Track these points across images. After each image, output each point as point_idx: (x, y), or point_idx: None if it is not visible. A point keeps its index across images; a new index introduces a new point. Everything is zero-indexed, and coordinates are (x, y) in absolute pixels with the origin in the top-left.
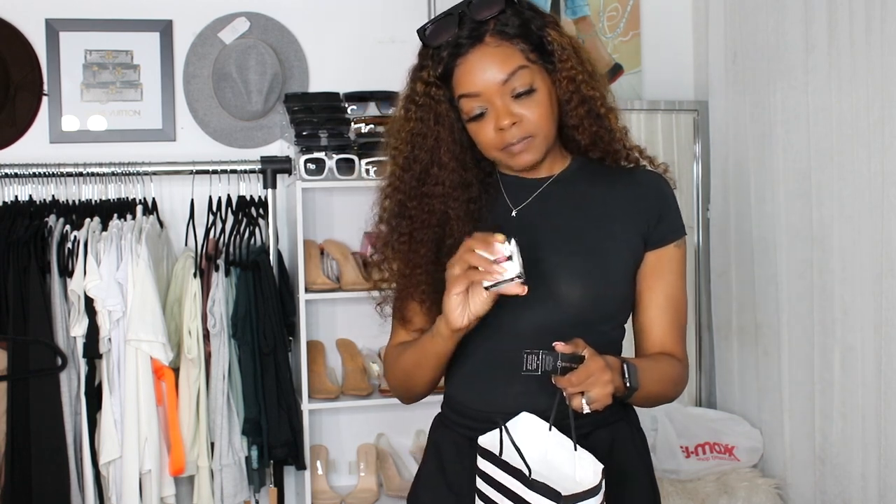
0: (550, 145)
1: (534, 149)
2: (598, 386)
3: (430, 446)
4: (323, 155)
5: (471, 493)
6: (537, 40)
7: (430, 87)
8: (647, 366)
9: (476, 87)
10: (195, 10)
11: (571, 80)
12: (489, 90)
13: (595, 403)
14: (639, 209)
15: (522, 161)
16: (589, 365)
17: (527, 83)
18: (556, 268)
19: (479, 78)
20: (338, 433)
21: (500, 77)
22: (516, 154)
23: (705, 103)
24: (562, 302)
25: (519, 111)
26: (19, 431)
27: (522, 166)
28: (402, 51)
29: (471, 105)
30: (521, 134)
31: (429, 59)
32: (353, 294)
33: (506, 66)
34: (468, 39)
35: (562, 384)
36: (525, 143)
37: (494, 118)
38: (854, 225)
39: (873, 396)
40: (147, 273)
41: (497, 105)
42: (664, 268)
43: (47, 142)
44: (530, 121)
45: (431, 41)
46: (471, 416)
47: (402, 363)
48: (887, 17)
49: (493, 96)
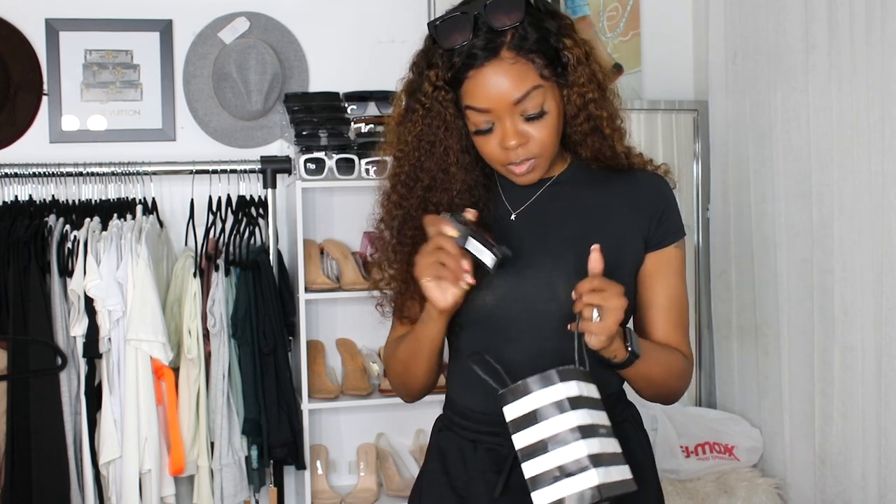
0: (552, 159)
1: (537, 169)
2: (614, 297)
3: (433, 448)
4: (323, 155)
5: (473, 496)
6: (553, 53)
7: (438, 90)
8: (650, 346)
9: (487, 103)
10: (195, 9)
11: (581, 97)
12: (500, 109)
13: (607, 320)
14: (639, 210)
15: (524, 180)
16: (605, 281)
17: (538, 105)
18: (555, 271)
19: (492, 95)
20: (338, 433)
21: (514, 97)
22: (518, 174)
23: (705, 103)
24: (562, 305)
25: (527, 132)
26: (19, 431)
27: (524, 184)
28: (402, 51)
29: (478, 119)
30: (525, 155)
31: (438, 59)
32: (353, 294)
33: (520, 86)
34: (483, 51)
35: (581, 288)
36: (529, 164)
37: (501, 136)
38: (854, 225)
39: (873, 396)
40: (147, 273)
41: (506, 124)
42: (665, 269)
43: (47, 141)
44: (536, 142)
45: (444, 42)
46: (472, 419)
47: (399, 354)
48: (887, 17)
49: (502, 114)
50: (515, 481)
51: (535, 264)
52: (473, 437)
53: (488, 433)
